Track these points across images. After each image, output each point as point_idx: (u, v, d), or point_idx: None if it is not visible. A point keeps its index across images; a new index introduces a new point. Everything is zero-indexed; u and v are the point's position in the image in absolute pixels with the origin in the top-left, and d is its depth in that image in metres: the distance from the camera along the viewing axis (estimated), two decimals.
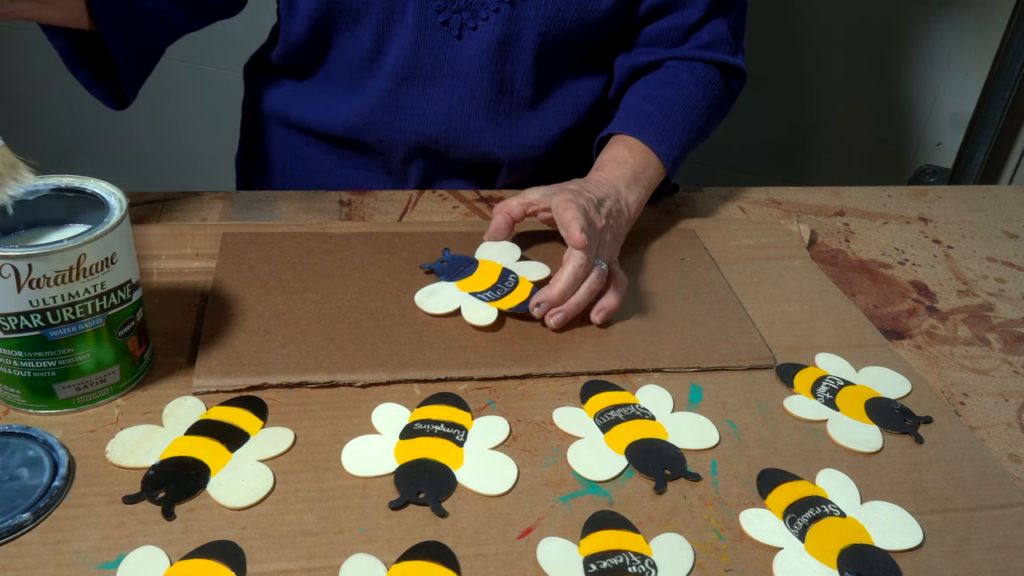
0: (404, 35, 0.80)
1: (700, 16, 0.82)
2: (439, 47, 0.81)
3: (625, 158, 0.76)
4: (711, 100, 0.83)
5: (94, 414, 0.55)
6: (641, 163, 0.76)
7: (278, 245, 0.73)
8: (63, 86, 1.78)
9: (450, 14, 0.79)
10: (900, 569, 0.49)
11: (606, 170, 0.75)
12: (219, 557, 0.46)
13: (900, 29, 1.40)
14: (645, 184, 0.76)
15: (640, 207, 0.76)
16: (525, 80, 0.83)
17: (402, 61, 0.82)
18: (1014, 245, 0.88)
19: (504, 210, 0.72)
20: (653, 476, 0.54)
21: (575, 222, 0.64)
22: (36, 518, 0.47)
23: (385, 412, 0.57)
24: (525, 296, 0.67)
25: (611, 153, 0.77)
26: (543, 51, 0.81)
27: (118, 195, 0.55)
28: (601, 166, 0.76)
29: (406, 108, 0.84)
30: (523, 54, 0.81)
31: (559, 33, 0.80)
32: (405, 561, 0.47)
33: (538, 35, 0.80)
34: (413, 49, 0.81)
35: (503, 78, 0.82)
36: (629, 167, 0.75)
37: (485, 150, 0.86)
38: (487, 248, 0.73)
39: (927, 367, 0.67)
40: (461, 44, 0.80)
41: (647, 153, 0.77)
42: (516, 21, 0.79)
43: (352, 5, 0.79)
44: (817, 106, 1.50)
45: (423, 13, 0.79)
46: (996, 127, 1.43)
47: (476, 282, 0.69)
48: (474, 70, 0.81)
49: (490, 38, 0.80)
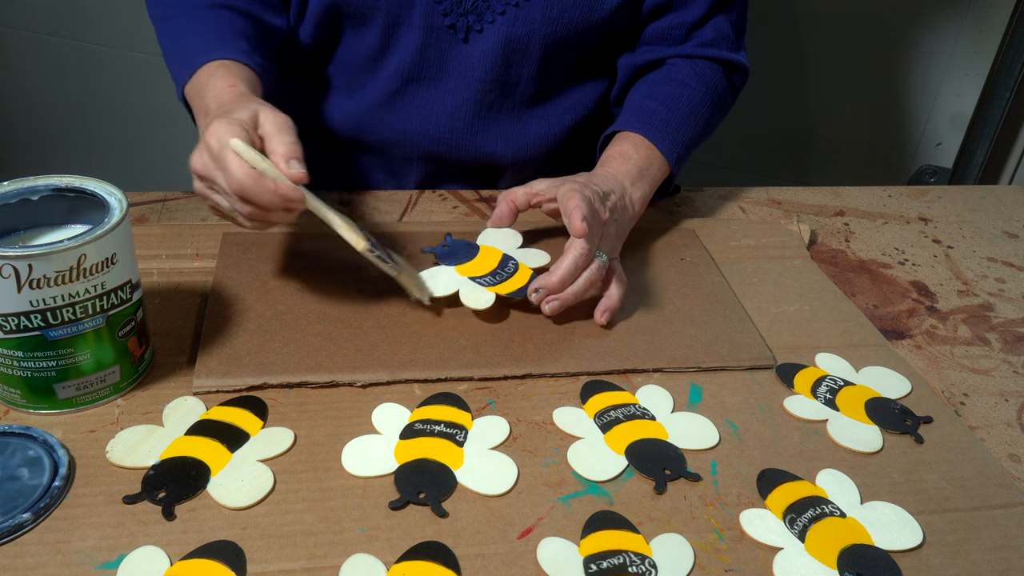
0: (410, 38, 0.80)
1: (702, 14, 0.82)
2: (444, 49, 0.81)
3: (630, 154, 0.76)
4: (714, 97, 0.83)
5: (94, 414, 0.55)
6: (645, 159, 0.77)
7: (278, 245, 0.73)
8: (63, 86, 1.78)
9: (456, 17, 0.79)
10: (900, 569, 0.49)
11: (611, 166, 0.75)
12: (219, 557, 0.46)
13: (900, 29, 1.40)
14: (650, 181, 0.77)
15: (644, 204, 0.76)
16: (529, 81, 0.83)
17: (407, 63, 0.82)
18: (1014, 245, 0.88)
19: (509, 198, 0.72)
20: (653, 476, 0.54)
21: (578, 211, 0.64)
22: (36, 518, 0.47)
23: (385, 412, 0.57)
24: (524, 282, 0.66)
25: (616, 149, 0.77)
26: (548, 53, 0.81)
27: (118, 195, 0.55)
28: (606, 162, 0.77)
29: (409, 109, 0.84)
30: (528, 56, 0.81)
31: (564, 34, 0.80)
32: (405, 561, 0.47)
33: (544, 37, 0.80)
34: (419, 52, 0.81)
35: (507, 80, 0.83)
36: (634, 163, 0.76)
37: (489, 150, 0.86)
38: (489, 234, 0.73)
39: (927, 367, 0.67)
40: (467, 47, 0.81)
41: (651, 150, 0.77)
42: (522, 23, 0.79)
43: (358, 9, 0.79)
44: (817, 106, 1.50)
45: (429, 16, 0.79)
46: (996, 127, 1.43)
47: (476, 267, 0.68)
48: (479, 72, 0.82)
49: (495, 41, 0.80)
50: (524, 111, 0.85)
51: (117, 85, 1.67)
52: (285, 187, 0.56)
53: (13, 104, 1.75)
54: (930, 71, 1.41)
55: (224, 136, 0.56)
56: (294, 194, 0.56)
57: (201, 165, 0.59)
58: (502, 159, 0.87)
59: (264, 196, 0.56)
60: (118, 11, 1.58)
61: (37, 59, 1.68)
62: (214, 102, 0.64)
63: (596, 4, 0.79)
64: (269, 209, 0.57)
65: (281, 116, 0.60)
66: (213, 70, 0.68)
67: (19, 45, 1.66)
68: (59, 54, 1.66)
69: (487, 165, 0.88)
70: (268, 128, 0.59)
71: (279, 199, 0.56)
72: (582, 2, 0.79)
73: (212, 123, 0.57)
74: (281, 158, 0.57)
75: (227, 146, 0.56)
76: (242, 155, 0.56)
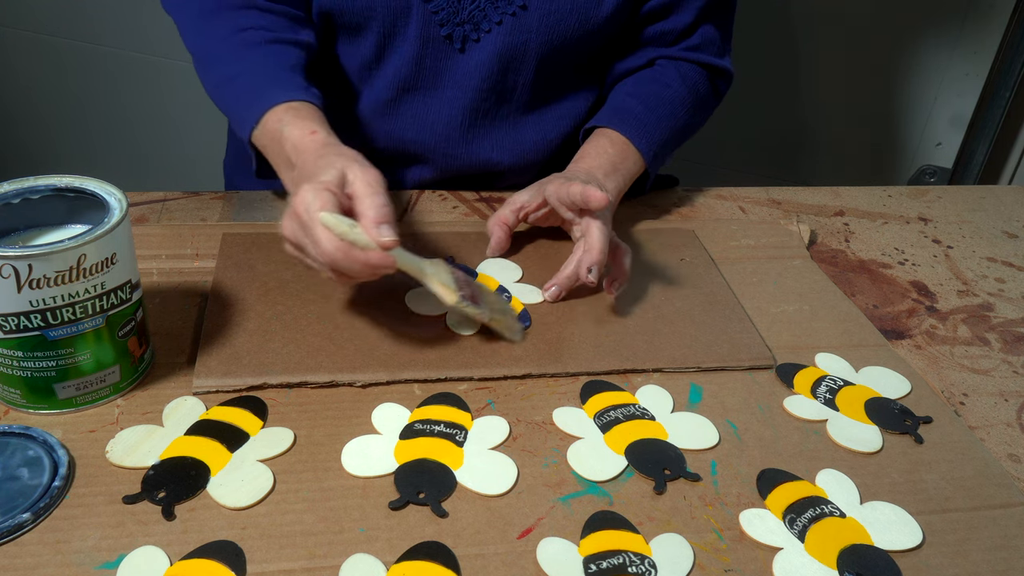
0: (406, 48, 0.80)
1: (691, 21, 0.84)
2: (441, 59, 0.81)
3: (605, 149, 0.78)
4: (696, 99, 0.85)
5: (94, 414, 0.55)
6: (620, 155, 0.78)
7: (278, 245, 0.73)
8: (63, 86, 1.78)
9: (453, 27, 0.79)
10: (900, 569, 0.49)
11: (585, 161, 0.78)
12: (219, 557, 0.46)
13: (900, 29, 1.40)
14: (624, 174, 0.78)
15: (619, 196, 0.77)
16: (525, 89, 0.83)
17: (403, 73, 0.81)
18: (1014, 245, 0.88)
19: (499, 222, 0.74)
20: (653, 476, 0.54)
21: (587, 187, 0.66)
22: (36, 518, 0.47)
23: (385, 412, 0.57)
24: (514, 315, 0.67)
25: (592, 145, 0.80)
26: (544, 61, 0.82)
27: (118, 195, 0.55)
28: (581, 157, 0.78)
29: (405, 118, 0.84)
30: (525, 65, 0.81)
31: (560, 43, 0.81)
32: (405, 561, 0.47)
33: (540, 46, 0.80)
34: (415, 62, 0.81)
35: (503, 88, 0.83)
36: (608, 158, 0.78)
37: (485, 157, 0.86)
38: (490, 264, 0.73)
39: (927, 367, 0.67)
40: (463, 56, 0.80)
41: (627, 146, 0.79)
42: (519, 32, 0.79)
43: (353, 19, 0.79)
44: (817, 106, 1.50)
45: (426, 27, 0.79)
46: (996, 127, 1.43)
47: None
48: (475, 81, 0.81)
49: (492, 50, 0.80)
50: (519, 118, 0.85)
51: (117, 85, 1.67)
52: (375, 257, 0.56)
53: (13, 104, 1.75)
54: (930, 71, 1.41)
55: (312, 205, 0.56)
56: (384, 261, 0.56)
57: (291, 233, 0.59)
58: (498, 166, 0.87)
59: (355, 267, 0.56)
60: (118, 11, 1.58)
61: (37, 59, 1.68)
62: (296, 154, 0.64)
63: (591, 12, 0.79)
64: (360, 277, 0.58)
65: (371, 172, 0.59)
66: (281, 115, 0.67)
67: (19, 45, 1.66)
68: (59, 54, 1.66)
69: (484, 172, 0.88)
70: (358, 187, 0.58)
71: (369, 269, 0.56)
72: (577, 11, 0.79)
73: (300, 189, 0.57)
74: (372, 223, 0.56)
75: (316, 218, 0.55)
76: (331, 229, 0.55)
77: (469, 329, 0.64)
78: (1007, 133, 1.47)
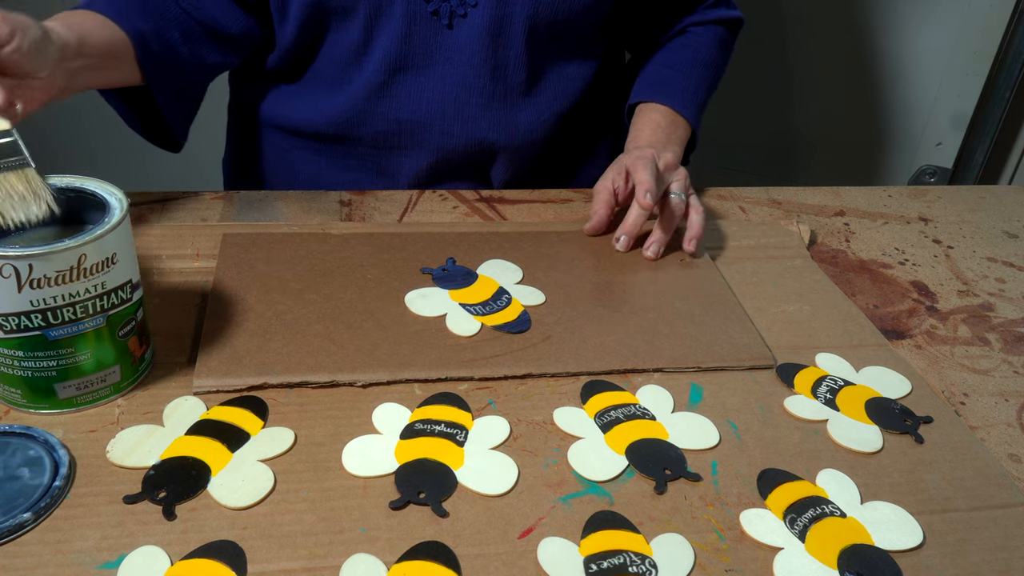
0: (392, 27, 0.80)
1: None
2: (430, 36, 0.82)
3: (658, 122, 0.85)
4: (723, 56, 0.94)
5: (94, 414, 0.55)
6: (671, 125, 0.86)
7: (278, 245, 0.73)
8: None
9: (439, 3, 0.79)
10: (900, 569, 0.49)
11: (643, 137, 0.84)
12: (219, 557, 0.46)
13: (900, 29, 1.40)
14: (677, 141, 0.85)
15: (679, 161, 0.83)
16: (517, 65, 0.84)
17: (392, 53, 0.82)
18: (1014, 245, 0.88)
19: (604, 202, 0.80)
20: (653, 476, 0.54)
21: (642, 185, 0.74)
22: (37, 518, 0.47)
23: (385, 412, 0.57)
24: (513, 317, 0.67)
25: (645, 120, 0.86)
26: (533, 34, 0.83)
27: (118, 195, 0.55)
28: (638, 135, 0.85)
29: (399, 98, 0.84)
30: (514, 38, 0.82)
31: (548, 16, 0.82)
32: (405, 561, 0.47)
33: (527, 18, 0.81)
34: (403, 40, 0.81)
35: (496, 64, 0.83)
36: (663, 131, 0.85)
37: (481, 136, 0.86)
38: (490, 265, 0.73)
39: (927, 367, 0.68)
40: (452, 32, 0.81)
41: (675, 116, 0.87)
42: (504, 5, 0.80)
43: (340, 3, 0.79)
44: (817, 106, 1.50)
45: (411, 4, 0.79)
46: (996, 127, 1.43)
47: (470, 294, 0.69)
48: (466, 56, 0.82)
49: (479, 24, 0.81)
50: (514, 98, 0.86)
51: None
52: None
53: None
54: (930, 71, 1.42)
55: None
56: None
57: None
58: (494, 145, 0.87)
59: None
60: None
61: None
62: None
63: None
64: None
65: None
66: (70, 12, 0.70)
67: None
68: None
69: (479, 151, 0.88)
70: None
71: None
72: None
73: None
74: None
75: None
76: None
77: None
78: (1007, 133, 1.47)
